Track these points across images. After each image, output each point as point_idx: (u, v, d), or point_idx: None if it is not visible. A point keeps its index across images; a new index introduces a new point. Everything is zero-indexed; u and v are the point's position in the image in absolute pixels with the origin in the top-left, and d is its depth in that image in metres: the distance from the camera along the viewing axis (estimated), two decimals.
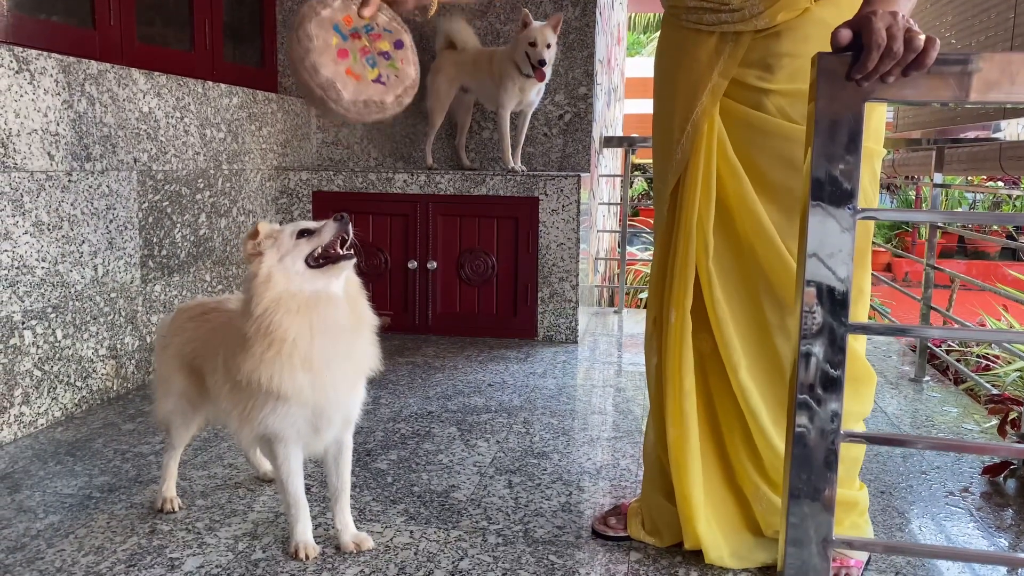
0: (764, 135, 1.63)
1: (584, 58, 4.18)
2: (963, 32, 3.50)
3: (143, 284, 3.02)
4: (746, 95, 1.64)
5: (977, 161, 3.14)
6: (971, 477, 2.32)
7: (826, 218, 1.20)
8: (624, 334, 4.26)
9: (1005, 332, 2.88)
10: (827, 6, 1.57)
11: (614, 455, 2.44)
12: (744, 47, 1.62)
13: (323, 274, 1.66)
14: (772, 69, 1.60)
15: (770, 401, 1.69)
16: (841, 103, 1.18)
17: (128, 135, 2.90)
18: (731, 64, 1.63)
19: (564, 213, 3.81)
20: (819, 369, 1.24)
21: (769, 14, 1.57)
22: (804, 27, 1.57)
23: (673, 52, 1.74)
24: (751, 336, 1.70)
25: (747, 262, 1.69)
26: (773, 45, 1.59)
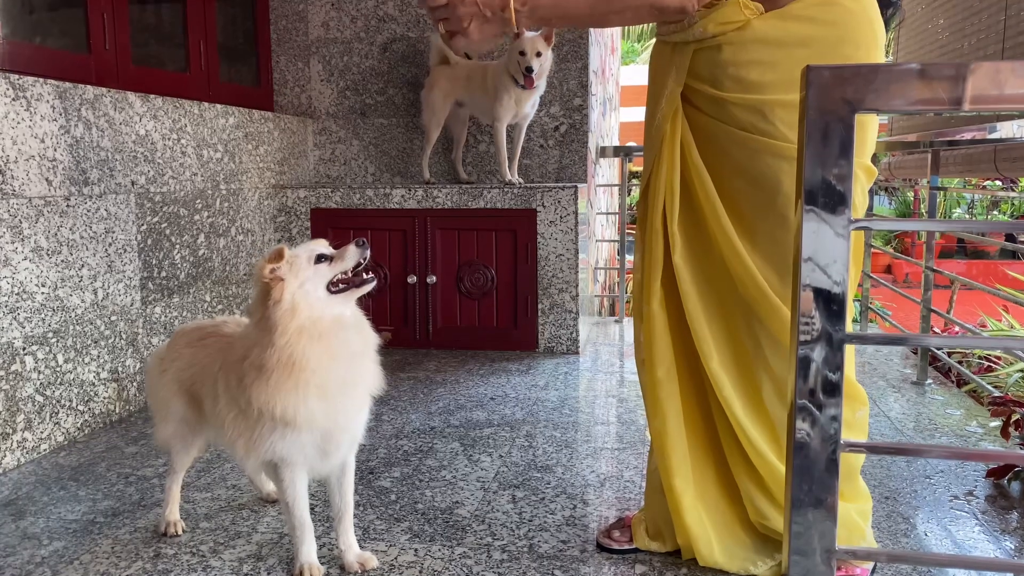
0: (720, 143, 1.69)
1: (578, 69, 4.19)
2: (955, 34, 3.51)
3: (143, 306, 3.02)
4: (706, 104, 1.72)
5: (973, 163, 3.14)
6: (975, 480, 2.31)
7: (820, 224, 1.20)
8: (625, 343, 4.26)
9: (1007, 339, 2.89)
10: (771, 19, 1.59)
11: (618, 467, 2.44)
12: (688, 57, 1.68)
13: (342, 299, 1.67)
14: (719, 79, 1.65)
15: (738, 388, 1.74)
16: (832, 113, 1.18)
17: (125, 158, 2.92)
18: (681, 73, 1.70)
19: (562, 224, 3.81)
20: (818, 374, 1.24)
21: (701, 25, 1.62)
22: (743, 40, 1.61)
23: (651, 61, 1.85)
24: (720, 329, 1.76)
25: (715, 260, 1.74)
26: (715, 55, 1.64)
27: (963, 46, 3.37)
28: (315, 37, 4.32)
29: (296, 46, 4.35)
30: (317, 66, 4.34)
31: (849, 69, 1.21)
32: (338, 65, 4.33)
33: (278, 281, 1.61)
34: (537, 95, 3.85)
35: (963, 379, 3.50)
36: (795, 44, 1.58)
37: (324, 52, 4.33)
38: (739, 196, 1.67)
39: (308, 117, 4.38)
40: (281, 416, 1.60)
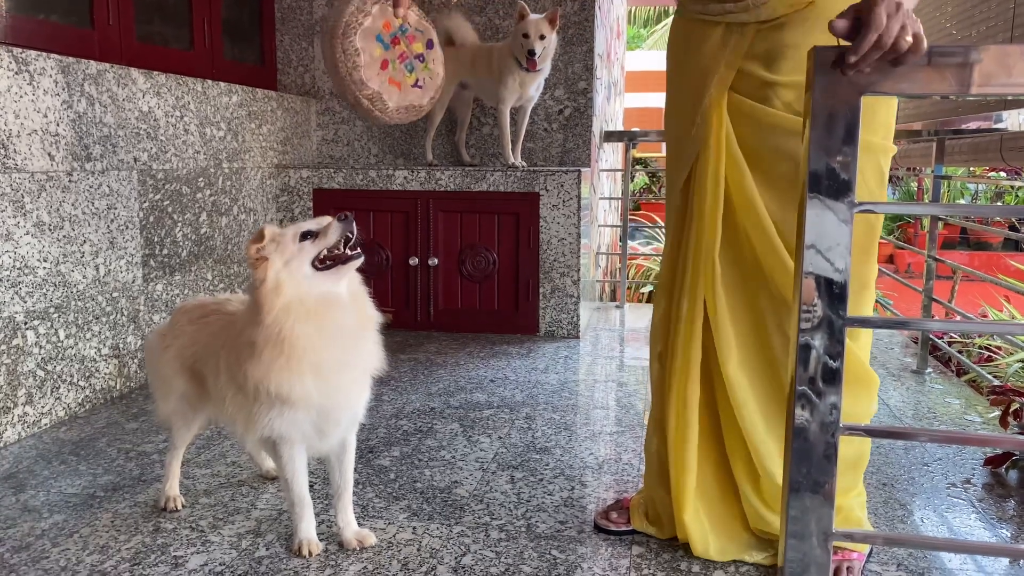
0: (770, 130, 1.62)
1: (584, 53, 4.17)
2: (963, 22, 3.49)
3: (145, 283, 3.03)
4: (752, 88, 1.63)
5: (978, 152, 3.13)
6: (973, 468, 2.32)
7: (824, 211, 1.20)
8: (626, 329, 4.26)
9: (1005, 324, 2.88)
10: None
11: (616, 450, 2.45)
12: (749, 38, 1.61)
13: (330, 276, 1.65)
14: (777, 61, 1.60)
15: (759, 395, 1.70)
16: (837, 97, 1.18)
17: (128, 135, 2.91)
18: (736, 55, 1.63)
19: (565, 208, 3.81)
20: (818, 361, 1.24)
21: (772, 4, 1.57)
22: (809, 18, 1.56)
23: (682, 43, 1.75)
24: (745, 330, 1.71)
25: (745, 256, 1.69)
26: (778, 36, 1.59)
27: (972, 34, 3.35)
28: (320, 16, 4.30)
29: (300, 25, 4.32)
30: (320, 50, 4.32)
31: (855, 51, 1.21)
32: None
33: (263, 261, 1.61)
34: (542, 78, 3.83)
35: (963, 368, 3.51)
36: None
37: None
38: (782, 178, 1.62)
39: (312, 97, 4.36)
40: (276, 394, 1.61)
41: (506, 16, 4.15)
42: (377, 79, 1.65)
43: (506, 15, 4.15)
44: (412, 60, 1.72)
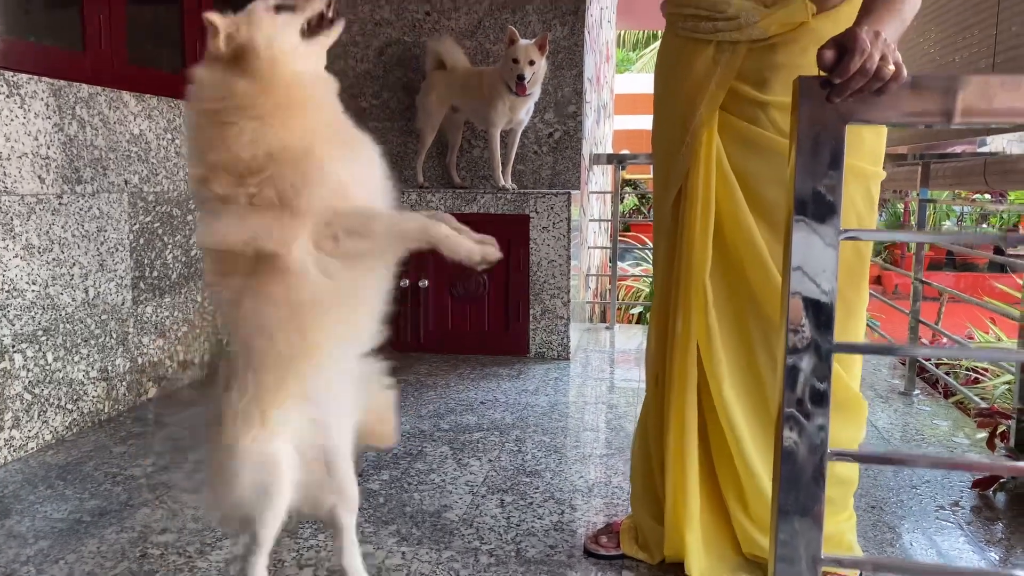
0: (759, 150, 1.63)
1: (573, 77, 4.21)
2: (947, 47, 3.54)
3: (134, 305, 3.02)
4: (743, 108, 1.64)
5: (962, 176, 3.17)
6: (961, 491, 2.33)
7: (810, 235, 1.22)
8: (616, 350, 4.27)
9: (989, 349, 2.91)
10: (824, 20, 1.57)
11: (606, 472, 2.44)
12: (740, 57, 1.62)
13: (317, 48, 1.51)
14: (768, 81, 1.61)
15: (750, 417, 1.71)
16: (823, 124, 1.20)
17: (119, 157, 2.91)
18: (728, 74, 1.63)
19: (555, 230, 3.82)
20: (806, 385, 1.25)
21: (764, 24, 1.58)
22: (801, 39, 1.58)
23: (672, 61, 1.75)
24: (736, 351, 1.72)
25: (735, 277, 1.70)
26: (769, 56, 1.60)
27: (955, 59, 3.40)
28: None
29: None
30: None
31: None
32: (333, 69, 4.30)
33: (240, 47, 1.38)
34: (531, 102, 3.86)
35: (950, 390, 3.53)
36: None
37: None
38: (775, 207, 1.62)
39: None
40: None
41: (496, 40, 4.19)
42: None
43: (496, 39, 4.19)
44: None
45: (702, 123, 1.66)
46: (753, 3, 1.58)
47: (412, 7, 4.23)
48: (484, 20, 4.21)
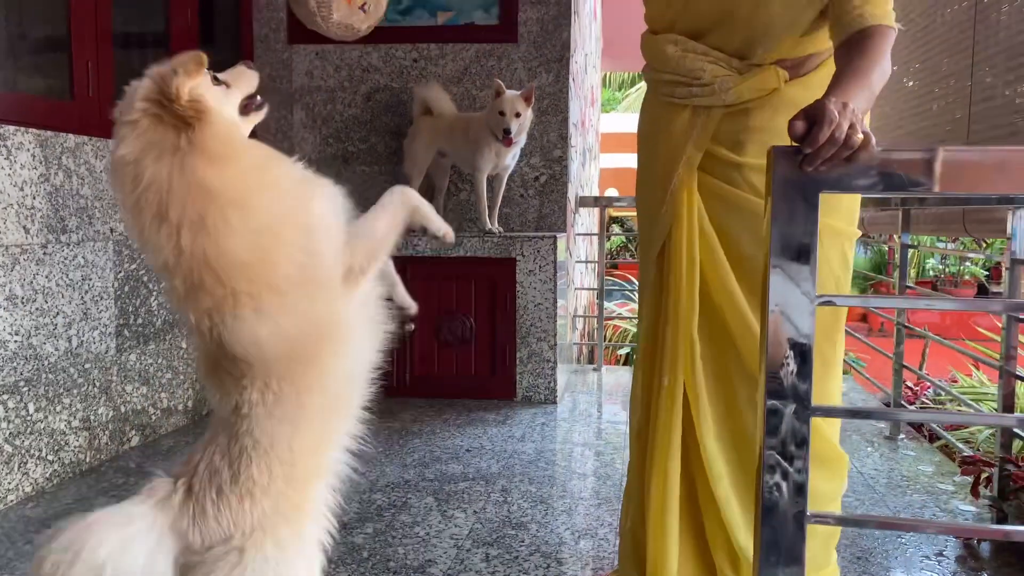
0: (736, 209, 1.67)
1: (559, 122, 4.26)
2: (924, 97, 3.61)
3: (118, 353, 3.00)
4: (719, 169, 1.69)
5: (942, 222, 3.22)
6: (946, 541, 2.33)
7: (786, 302, 1.23)
8: (604, 392, 4.27)
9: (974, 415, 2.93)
10: (796, 86, 1.63)
11: (593, 523, 2.43)
12: (715, 121, 1.67)
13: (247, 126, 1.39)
14: (743, 144, 1.66)
15: (734, 471, 1.72)
16: (798, 194, 1.22)
17: (105, 206, 2.92)
18: (704, 137, 1.68)
19: (541, 273, 3.84)
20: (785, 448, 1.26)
21: (737, 91, 1.63)
22: (774, 104, 1.63)
23: (652, 123, 1.80)
24: (721, 404, 1.73)
25: (720, 333, 1.72)
26: (743, 120, 1.65)
27: (932, 108, 3.47)
28: (299, 85, 4.37)
29: (280, 94, 4.39)
30: (300, 113, 4.38)
31: None
32: (321, 113, 4.38)
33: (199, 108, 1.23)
34: (518, 148, 3.90)
35: (935, 434, 3.54)
36: None
37: (308, 100, 4.38)
38: (754, 263, 1.64)
39: None
40: None
41: (483, 86, 4.24)
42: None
43: (483, 86, 4.24)
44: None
45: (681, 183, 1.70)
46: (727, 70, 1.63)
47: (400, 53, 4.28)
48: (470, 67, 4.26)
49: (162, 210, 1.18)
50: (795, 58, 1.63)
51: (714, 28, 1.64)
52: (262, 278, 1.23)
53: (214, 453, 1.28)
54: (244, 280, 1.22)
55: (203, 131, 1.21)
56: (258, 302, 1.23)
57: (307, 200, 1.32)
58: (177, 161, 1.19)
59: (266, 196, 1.26)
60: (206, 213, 1.19)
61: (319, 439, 1.35)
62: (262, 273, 1.23)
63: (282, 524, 1.29)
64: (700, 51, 1.65)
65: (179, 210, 1.18)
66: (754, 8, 1.58)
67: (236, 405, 1.27)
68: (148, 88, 1.20)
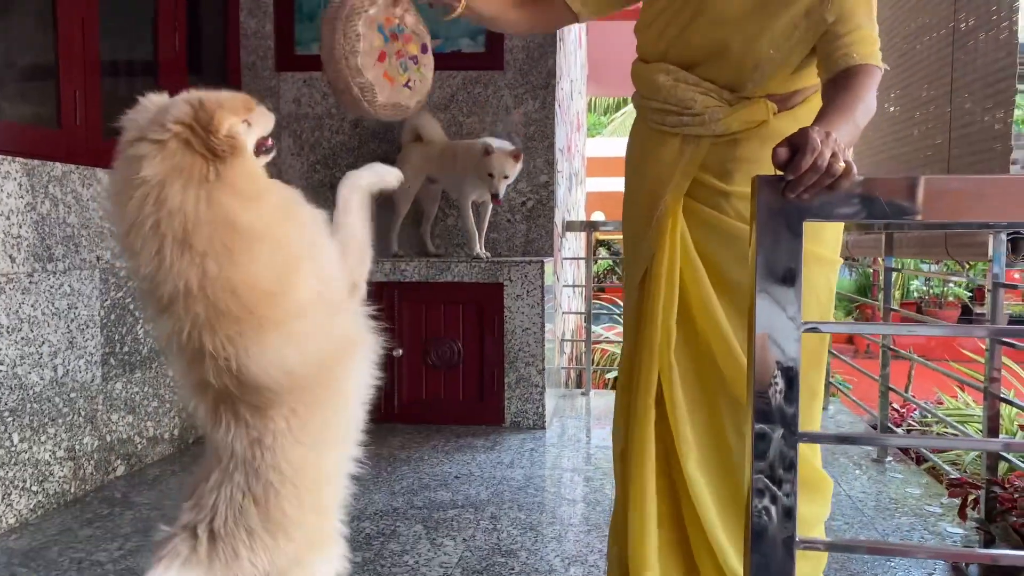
0: (722, 236, 1.70)
1: (545, 148, 4.29)
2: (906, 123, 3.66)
3: (104, 382, 2.98)
4: (707, 196, 1.71)
5: (925, 246, 3.25)
6: (935, 564, 2.33)
7: (773, 329, 1.25)
8: (592, 417, 4.27)
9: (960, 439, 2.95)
10: (785, 118, 1.66)
11: (582, 550, 2.43)
12: (704, 150, 1.70)
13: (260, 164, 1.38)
14: (731, 173, 1.68)
15: (717, 494, 1.72)
16: (781, 221, 1.24)
17: (92, 234, 2.91)
18: (692, 166, 1.71)
19: (529, 298, 3.85)
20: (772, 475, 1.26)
21: (726, 122, 1.66)
22: (762, 135, 1.66)
23: (641, 149, 1.83)
24: (704, 429, 1.74)
25: (704, 358, 1.73)
26: (732, 150, 1.68)
27: (913, 133, 3.52)
28: (287, 112, 4.38)
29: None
30: (288, 140, 4.40)
31: None
32: (309, 140, 4.39)
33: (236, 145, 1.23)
34: None
35: (922, 456, 3.55)
36: None
37: (295, 127, 4.39)
38: (739, 290, 1.66)
39: None
40: None
41: (469, 113, 4.27)
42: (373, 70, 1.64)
43: (469, 112, 4.27)
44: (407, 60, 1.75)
45: (667, 209, 1.72)
46: (717, 101, 1.66)
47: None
48: (457, 94, 4.29)
49: (187, 237, 1.16)
50: (784, 93, 1.67)
51: (706, 60, 1.67)
52: (287, 305, 1.24)
53: (233, 492, 1.25)
54: (270, 307, 1.22)
55: (233, 167, 1.20)
56: (284, 327, 1.23)
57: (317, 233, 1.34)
58: (204, 192, 1.18)
59: (288, 231, 1.27)
60: (234, 246, 1.18)
61: (339, 463, 1.36)
62: (286, 301, 1.24)
63: (316, 556, 1.29)
64: (692, 82, 1.68)
65: (205, 240, 1.17)
66: (746, 45, 1.61)
67: (257, 438, 1.25)
68: (185, 112, 1.19)
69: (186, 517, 1.25)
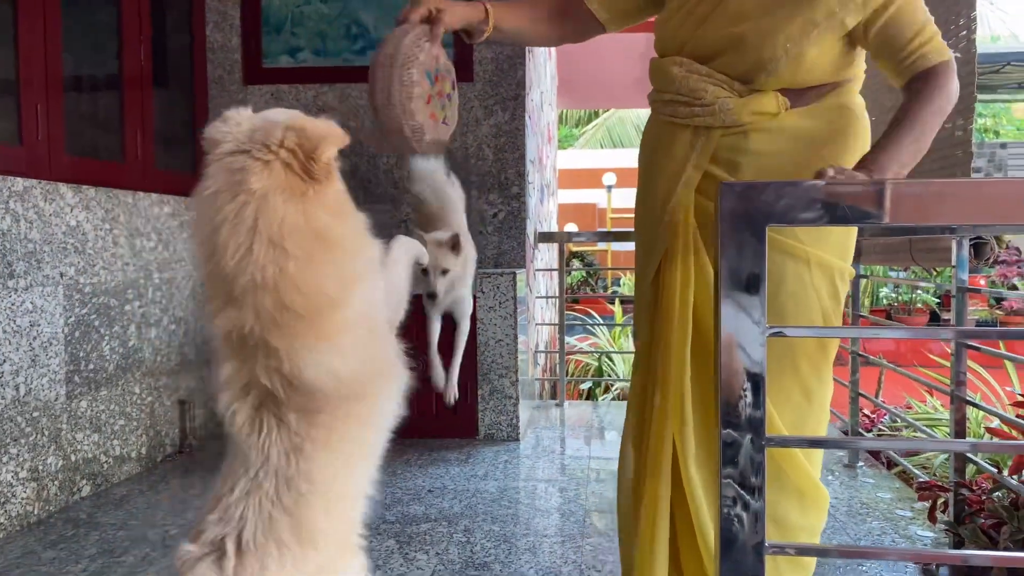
0: None
1: (515, 159, 4.29)
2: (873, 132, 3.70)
3: (68, 400, 2.92)
4: (714, 190, 1.70)
5: (890, 252, 3.29)
6: (905, 566, 2.35)
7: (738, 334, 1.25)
8: (567, 428, 4.26)
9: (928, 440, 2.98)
10: (796, 115, 1.66)
11: (556, 561, 2.41)
12: (714, 142, 1.70)
13: None
14: (739, 165, 1.69)
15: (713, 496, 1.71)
16: (745, 227, 1.24)
17: (54, 250, 2.86)
18: (703, 158, 1.71)
19: (501, 310, 3.84)
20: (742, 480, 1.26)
21: (736, 112, 1.66)
22: (772, 129, 1.67)
23: (654, 143, 1.84)
24: (705, 431, 1.73)
25: (707, 355, 1.72)
26: (740, 143, 1.68)
27: None
28: None
29: None
30: None
31: (761, 185, 1.28)
32: None
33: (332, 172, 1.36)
34: None
35: (892, 461, 3.58)
36: (817, 140, 1.65)
37: None
38: None
39: None
40: None
41: None
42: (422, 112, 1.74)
43: None
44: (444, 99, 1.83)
45: (679, 204, 1.73)
46: (728, 92, 1.67)
47: (355, 93, 4.30)
48: None
49: (280, 240, 1.27)
50: (798, 88, 1.67)
51: (721, 53, 1.68)
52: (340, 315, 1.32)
53: (262, 502, 1.25)
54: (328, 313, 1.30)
55: (327, 189, 1.34)
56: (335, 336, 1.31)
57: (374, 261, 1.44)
58: (302, 206, 1.30)
59: (362, 249, 1.39)
60: (316, 253, 1.30)
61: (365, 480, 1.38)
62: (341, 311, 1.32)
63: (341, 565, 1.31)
64: (704, 73, 1.69)
65: (295, 244, 1.28)
66: (760, 40, 1.62)
67: (297, 445, 1.27)
68: (291, 139, 1.31)
69: (213, 531, 1.23)
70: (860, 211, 1.22)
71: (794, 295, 1.66)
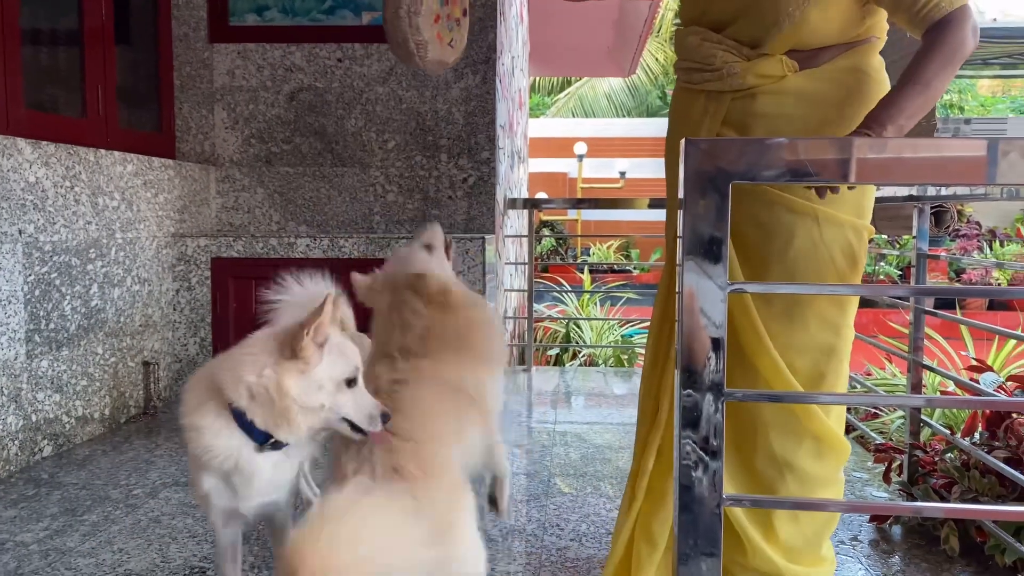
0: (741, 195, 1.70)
1: (486, 124, 4.27)
2: None
3: (28, 360, 2.88)
4: None
5: None
6: (860, 526, 2.41)
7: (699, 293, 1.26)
8: (534, 393, 4.29)
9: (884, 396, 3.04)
10: (804, 77, 1.69)
11: (522, 521, 2.44)
12: (725, 106, 1.74)
13: None
14: (749, 128, 1.72)
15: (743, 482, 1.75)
16: (709, 185, 1.25)
17: (12, 206, 2.80)
18: (715, 121, 1.76)
19: (470, 275, 3.84)
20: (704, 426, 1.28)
21: (742, 76, 1.70)
22: (780, 92, 1.70)
23: (676, 110, 1.90)
24: None
25: None
26: (750, 106, 1.72)
27: None
28: (220, 84, 4.27)
29: (200, 93, 4.29)
30: (222, 113, 4.29)
31: (724, 142, 1.29)
32: (243, 113, 4.29)
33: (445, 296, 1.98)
34: None
35: (851, 426, 3.66)
36: (824, 102, 1.67)
37: (229, 100, 4.29)
38: (751, 244, 1.71)
39: (211, 164, 4.31)
40: None
41: (408, 87, 4.22)
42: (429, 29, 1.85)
43: (408, 86, 4.22)
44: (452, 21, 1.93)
45: None
46: (736, 57, 1.70)
47: (324, 53, 4.23)
48: (396, 67, 4.24)
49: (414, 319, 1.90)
50: (807, 51, 1.68)
51: (735, 20, 1.71)
52: None
53: None
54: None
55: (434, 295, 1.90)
56: None
57: None
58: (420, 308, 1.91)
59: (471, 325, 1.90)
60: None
61: None
62: None
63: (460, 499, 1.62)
64: (715, 39, 1.73)
65: None
66: (771, 3, 1.64)
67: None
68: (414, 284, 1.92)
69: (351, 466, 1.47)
70: (823, 168, 1.23)
71: (804, 253, 1.68)
